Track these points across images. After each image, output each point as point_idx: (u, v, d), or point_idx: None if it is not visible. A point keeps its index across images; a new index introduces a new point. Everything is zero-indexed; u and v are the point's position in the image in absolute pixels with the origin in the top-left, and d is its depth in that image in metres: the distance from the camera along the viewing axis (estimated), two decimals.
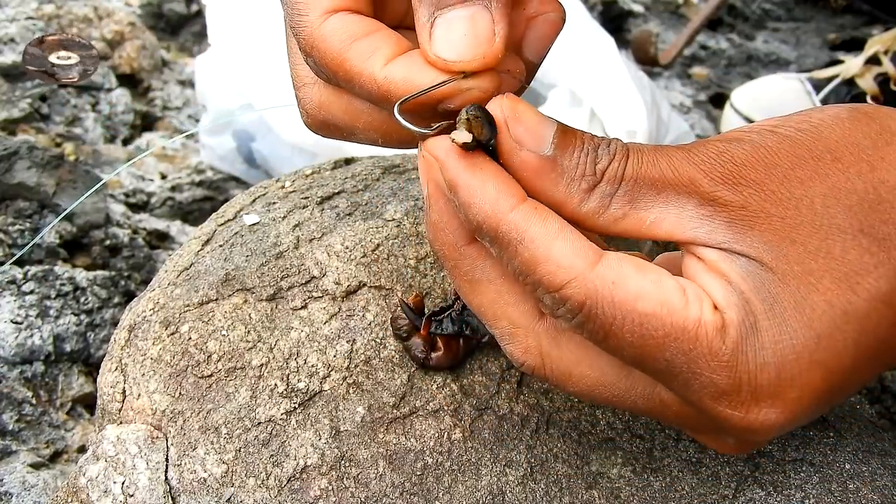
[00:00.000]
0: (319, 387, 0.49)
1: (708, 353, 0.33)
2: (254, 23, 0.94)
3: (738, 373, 0.33)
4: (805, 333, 0.32)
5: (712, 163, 0.35)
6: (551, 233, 0.34)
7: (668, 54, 1.30)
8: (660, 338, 0.33)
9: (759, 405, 0.33)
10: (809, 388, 0.33)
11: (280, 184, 0.62)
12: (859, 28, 1.52)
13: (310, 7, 0.38)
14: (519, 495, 0.45)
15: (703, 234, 0.34)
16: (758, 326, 0.33)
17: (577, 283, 0.33)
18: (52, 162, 0.81)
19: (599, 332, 0.34)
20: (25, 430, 0.66)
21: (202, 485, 0.45)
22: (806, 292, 0.33)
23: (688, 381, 0.33)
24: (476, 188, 0.35)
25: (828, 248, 0.33)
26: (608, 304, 0.33)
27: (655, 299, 0.33)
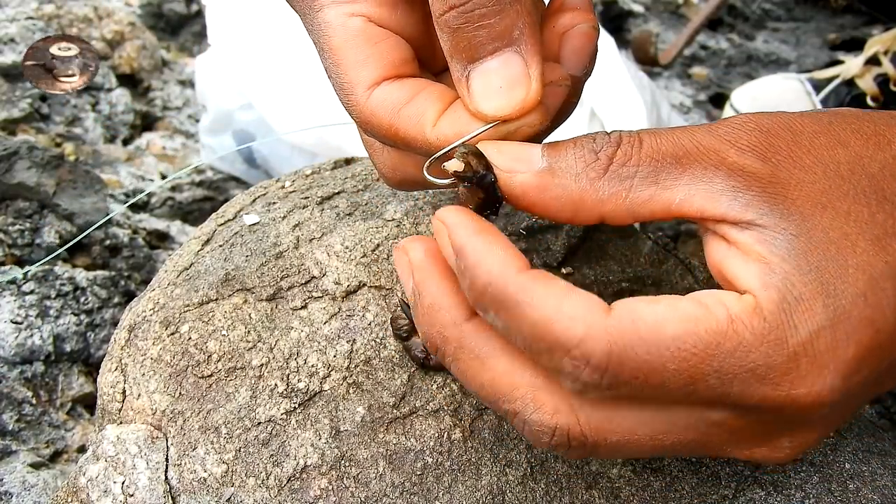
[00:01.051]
0: (319, 387, 0.49)
1: (754, 339, 0.31)
2: (254, 23, 0.94)
3: (791, 345, 0.32)
4: (851, 293, 0.32)
5: (737, 132, 0.34)
6: (560, 291, 0.33)
7: (668, 54, 1.30)
8: (701, 351, 0.31)
9: (823, 373, 0.32)
10: (863, 346, 0.32)
11: (280, 184, 0.62)
12: (859, 28, 1.52)
13: (354, 85, 0.39)
14: (519, 495, 0.45)
15: (737, 208, 0.34)
16: (803, 297, 0.32)
17: (595, 332, 0.31)
18: (52, 162, 0.81)
19: (639, 377, 0.31)
20: (25, 430, 0.66)
21: (202, 485, 0.45)
22: (845, 255, 0.32)
23: (746, 382, 0.32)
24: (484, 250, 0.34)
25: (857, 212, 0.33)
26: (637, 343, 0.31)
27: (679, 318, 0.32)
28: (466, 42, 0.37)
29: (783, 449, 0.36)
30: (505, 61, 0.37)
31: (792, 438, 0.36)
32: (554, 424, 0.35)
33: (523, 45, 0.37)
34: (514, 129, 0.38)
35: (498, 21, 0.36)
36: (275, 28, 0.92)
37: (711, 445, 0.36)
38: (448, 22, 0.36)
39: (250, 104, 0.93)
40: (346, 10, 0.40)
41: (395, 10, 0.40)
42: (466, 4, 0.36)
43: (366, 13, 0.40)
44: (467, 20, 0.36)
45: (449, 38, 0.37)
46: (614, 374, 0.32)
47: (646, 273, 0.56)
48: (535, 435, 0.35)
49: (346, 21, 0.39)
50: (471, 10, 0.36)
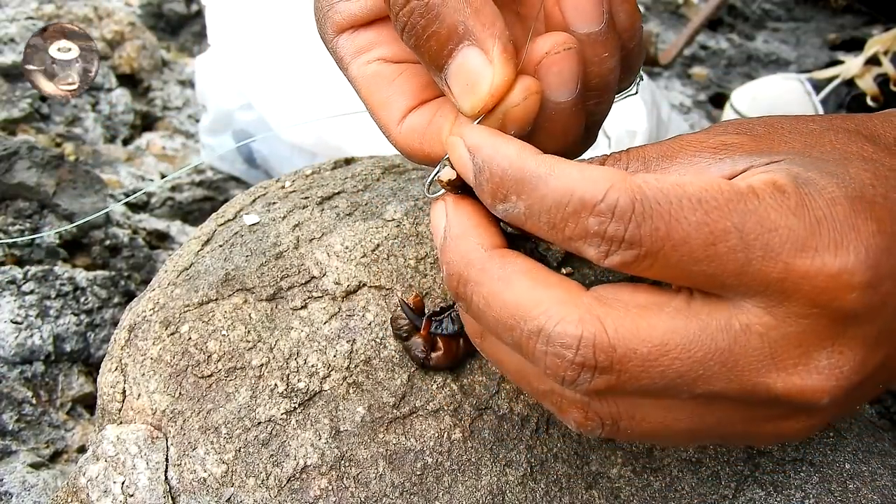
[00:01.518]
0: (319, 387, 0.49)
1: (774, 205, 0.31)
2: (254, 23, 0.94)
3: (811, 211, 0.31)
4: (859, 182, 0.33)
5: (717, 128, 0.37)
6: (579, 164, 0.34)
7: (668, 54, 1.30)
8: (722, 206, 0.31)
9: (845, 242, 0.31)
10: (882, 222, 0.32)
11: (280, 184, 0.62)
12: (859, 28, 1.52)
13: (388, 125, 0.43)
14: (519, 495, 0.45)
15: (726, 167, 0.35)
16: (814, 179, 0.32)
17: (619, 185, 0.32)
18: (52, 162, 0.81)
19: (660, 229, 0.31)
20: (25, 430, 0.66)
21: (202, 485, 0.45)
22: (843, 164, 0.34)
23: (768, 246, 0.31)
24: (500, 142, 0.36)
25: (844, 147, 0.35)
26: (659, 194, 0.31)
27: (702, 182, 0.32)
28: (428, 56, 0.38)
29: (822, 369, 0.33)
30: (462, 58, 0.38)
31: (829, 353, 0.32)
32: (579, 333, 0.33)
33: (472, 35, 0.37)
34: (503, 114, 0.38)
35: (439, 25, 0.37)
36: (275, 28, 0.92)
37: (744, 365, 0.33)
38: (408, 43, 0.39)
39: (250, 104, 0.93)
40: (363, 60, 0.43)
41: None
42: (409, 20, 0.38)
43: (379, 56, 0.43)
44: (417, 35, 0.38)
45: (417, 56, 0.39)
46: (638, 224, 0.31)
47: None
48: (558, 352, 0.33)
49: (364, 70, 0.43)
50: (413, 27, 0.38)
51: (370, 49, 0.43)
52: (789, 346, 0.32)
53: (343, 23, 0.43)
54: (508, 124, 0.38)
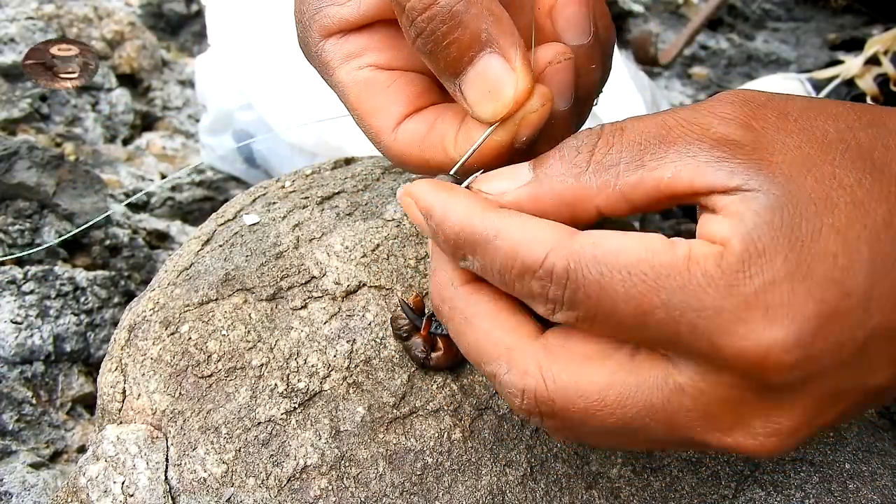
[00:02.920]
0: (319, 387, 0.49)
1: (705, 282, 0.31)
2: (254, 23, 0.94)
3: (742, 293, 0.31)
4: (821, 252, 0.31)
5: (722, 105, 0.35)
6: (525, 220, 0.35)
7: (668, 54, 1.30)
8: (650, 280, 0.32)
9: (774, 326, 0.31)
10: (826, 304, 0.31)
11: (280, 184, 0.62)
12: (859, 28, 1.52)
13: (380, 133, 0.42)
14: (519, 495, 0.45)
15: (723, 177, 0.33)
16: (766, 250, 0.31)
17: (557, 250, 0.33)
18: (52, 162, 0.81)
19: (591, 297, 0.33)
20: (25, 430, 0.66)
21: (202, 485, 0.45)
22: (823, 214, 0.32)
23: (694, 322, 0.31)
24: (449, 203, 0.37)
25: (842, 176, 0.33)
26: (591, 262, 0.33)
27: (638, 247, 0.32)
28: (444, 62, 0.38)
29: (756, 435, 0.34)
30: (484, 65, 0.38)
31: (763, 419, 0.34)
32: (523, 386, 0.36)
33: (495, 42, 0.38)
34: (520, 121, 0.39)
35: (462, 32, 0.37)
36: (275, 28, 0.92)
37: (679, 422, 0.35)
38: (421, 48, 0.38)
39: (250, 104, 0.93)
40: (353, 66, 0.42)
41: (399, 49, 0.42)
42: (428, 27, 0.37)
43: (372, 62, 0.42)
44: (435, 41, 0.37)
45: (429, 62, 0.39)
46: (573, 290, 0.33)
47: None
48: (509, 398, 0.37)
49: (355, 76, 0.42)
50: (433, 33, 0.37)
51: (361, 55, 0.42)
52: (723, 411, 0.34)
53: (332, 27, 0.42)
54: (523, 130, 0.39)
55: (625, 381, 0.35)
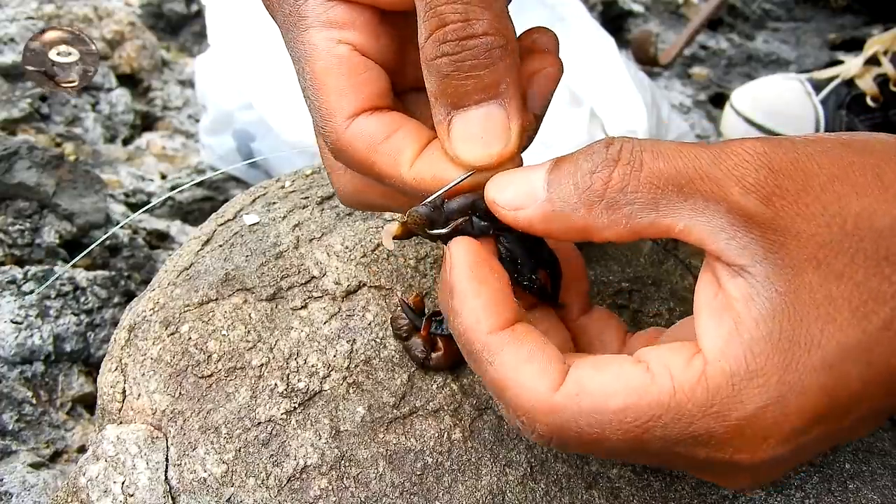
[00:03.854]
0: (319, 387, 0.49)
1: (696, 409, 0.33)
2: (254, 23, 0.94)
3: (734, 418, 0.32)
4: (816, 366, 0.32)
5: (745, 168, 0.33)
6: (522, 357, 0.35)
7: (668, 54, 1.30)
8: (643, 423, 0.33)
9: (767, 442, 0.33)
10: (815, 413, 0.33)
11: (280, 184, 0.62)
12: (859, 28, 1.52)
13: (333, 113, 0.40)
14: (519, 495, 0.45)
15: (733, 250, 0.33)
16: (760, 372, 0.32)
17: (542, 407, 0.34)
18: (52, 162, 0.81)
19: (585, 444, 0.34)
20: (25, 430, 0.66)
21: (202, 485, 0.45)
22: (823, 323, 0.32)
23: (691, 445, 0.33)
24: (467, 300, 0.37)
25: (851, 273, 0.32)
26: (580, 415, 0.34)
27: (622, 391, 0.33)
28: (454, 89, 0.38)
29: (741, 482, 0.37)
30: (488, 113, 0.38)
31: (750, 479, 0.36)
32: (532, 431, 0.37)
33: (507, 99, 0.38)
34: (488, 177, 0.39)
35: (487, 74, 0.37)
36: (275, 28, 0.92)
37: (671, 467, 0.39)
38: (439, 67, 0.37)
39: (250, 104, 0.93)
40: (333, 36, 0.40)
41: (377, 39, 0.41)
42: (460, 54, 0.37)
43: (352, 41, 0.40)
44: (458, 69, 0.37)
45: (436, 82, 0.38)
46: (560, 443, 0.35)
47: (646, 273, 0.56)
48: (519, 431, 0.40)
49: (332, 47, 0.39)
50: (462, 60, 0.37)
51: (343, 28, 0.40)
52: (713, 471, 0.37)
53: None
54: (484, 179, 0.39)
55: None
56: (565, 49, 0.45)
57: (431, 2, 0.36)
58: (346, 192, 0.45)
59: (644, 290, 0.56)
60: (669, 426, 0.33)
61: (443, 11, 0.36)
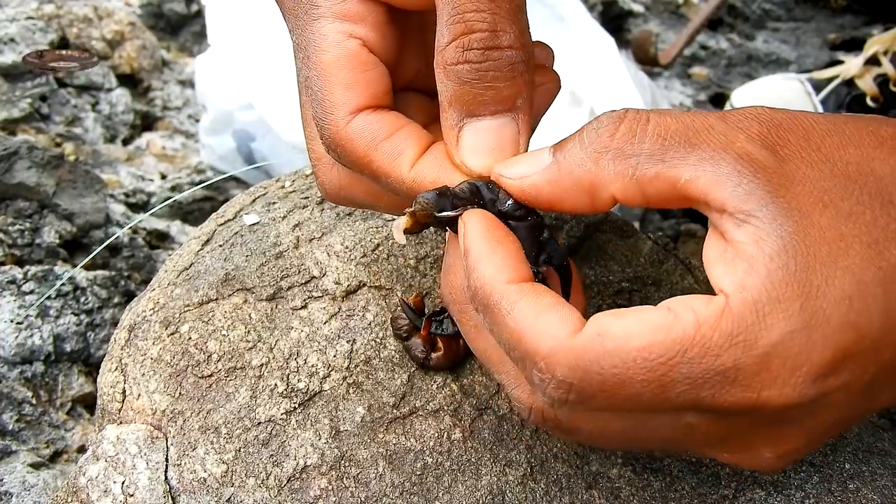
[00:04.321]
0: (319, 387, 0.49)
1: (723, 340, 0.31)
2: (254, 23, 0.94)
3: (761, 346, 0.31)
4: (836, 296, 0.32)
5: (749, 121, 0.34)
6: (541, 306, 0.34)
7: (668, 54, 1.30)
8: (669, 359, 0.32)
9: (794, 374, 0.31)
10: (842, 348, 0.32)
11: (280, 184, 0.62)
12: (859, 28, 1.52)
13: (336, 107, 0.39)
14: (519, 495, 0.45)
15: (739, 196, 0.33)
16: (781, 298, 0.31)
17: (562, 349, 0.33)
18: (52, 162, 0.81)
19: (607, 390, 0.32)
20: (25, 430, 0.66)
21: (202, 485, 0.45)
22: (836, 257, 0.32)
23: (716, 385, 0.32)
24: (484, 256, 0.36)
25: (858, 213, 0.33)
26: (602, 357, 0.32)
27: (646, 329, 0.32)
28: (472, 97, 0.38)
29: (765, 458, 0.36)
30: (501, 125, 0.39)
31: (772, 447, 0.35)
32: (531, 404, 0.37)
33: (521, 114, 0.39)
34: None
35: (506, 87, 0.38)
36: (275, 28, 0.92)
37: (686, 445, 0.36)
38: (459, 73, 0.37)
39: (250, 104, 0.93)
40: (345, 29, 0.39)
41: (384, 37, 0.41)
42: (483, 63, 0.37)
43: (362, 37, 0.40)
44: (479, 77, 0.37)
45: (454, 87, 0.38)
46: (580, 390, 0.33)
47: (646, 273, 0.56)
48: (517, 409, 0.38)
49: (342, 40, 0.39)
50: (485, 70, 0.37)
51: (356, 22, 0.40)
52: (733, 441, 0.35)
53: None
54: None
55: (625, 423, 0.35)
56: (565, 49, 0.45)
57: (458, 6, 0.36)
58: (330, 186, 0.45)
59: (644, 290, 0.56)
60: (695, 361, 0.31)
61: (470, 18, 0.36)
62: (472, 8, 0.36)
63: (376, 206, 0.45)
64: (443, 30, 0.37)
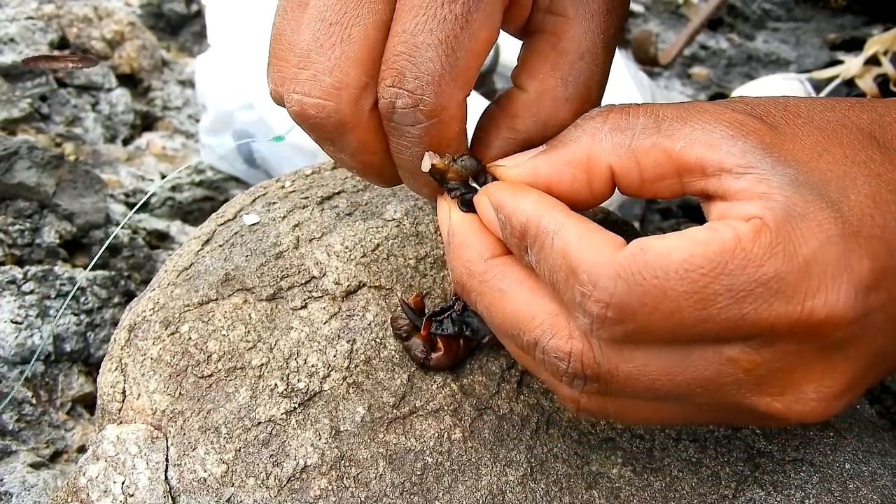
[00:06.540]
0: (319, 387, 0.49)
1: (763, 252, 0.31)
2: (254, 23, 0.94)
3: (802, 254, 0.31)
4: (858, 213, 0.32)
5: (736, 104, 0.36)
6: (587, 227, 0.35)
7: (668, 54, 1.30)
8: (710, 271, 0.31)
9: (837, 283, 0.31)
10: (877, 259, 0.32)
11: (280, 184, 0.62)
12: (859, 28, 1.52)
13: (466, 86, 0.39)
14: (519, 495, 0.45)
15: (735, 153, 0.34)
16: (809, 212, 0.32)
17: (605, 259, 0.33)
18: (52, 162, 0.81)
19: (648, 304, 0.32)
20: (25, 430, 0.66)
21: (202, 485, 0.45)
22: (846, 187, 0.33)
23: (759, 298, 0.31)
24: (520, 197, 0.38)
25: (853, 155, 0.34)
26: (644, 268, 0.32)
27: (686, 244, 0.32)
28: None
29: (808, 400, 0.34)
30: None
31: (816, 382, 0.34)
32: (569, 349, 0.35)
33: None
34: None
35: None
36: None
37: (728, 388, 0.34)
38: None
39: (250, 104, 0.93)
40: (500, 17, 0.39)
41: None
42: None
43: None
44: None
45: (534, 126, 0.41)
46: (621, 305, 0.32)
47: None
48: (553, 364, 0.36)
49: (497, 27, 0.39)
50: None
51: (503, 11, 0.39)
52: (776, 378, 0.34)
53: None
54: None
55: (667, 359, 0.34)
56: None
57: None
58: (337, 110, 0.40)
59: None
60: (737, 273, 0.31)
61: None
62: None
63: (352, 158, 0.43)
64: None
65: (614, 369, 0.35)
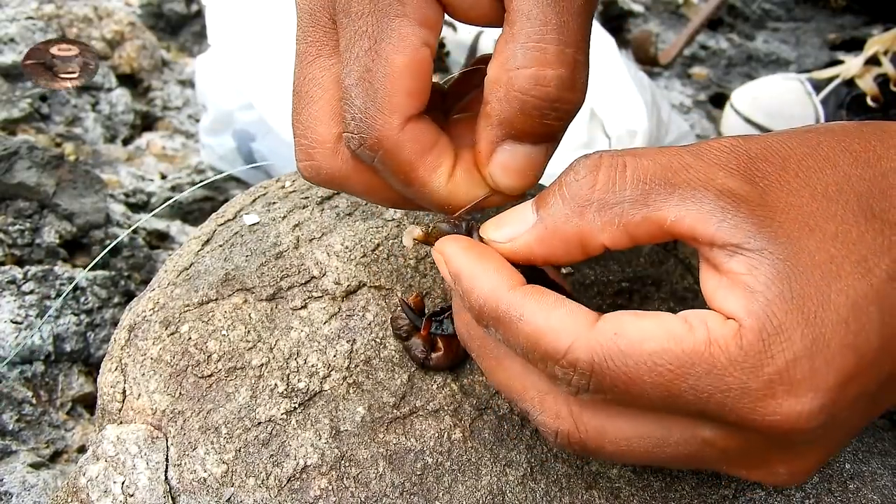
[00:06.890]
0: (319, 387, 0.49)
1: (729, 364, 0.32)
2: (254, 23, 0.94)
3: (767, 373, 0.32)
4: (833, 321, 0.32)
5: (726, 157, 0.35)
6: (549, 305, 0.35)
7: (668, 54, 1.30)
8: (676, 369, 0.33)
9: (800, 401, 0.32)
10: (844, 372, 0.32)
11: (280, 184, 0.62)
12: (859, 28, 1.52)
13: (394, 112, 0.39)
14: (519, 495, 0.45)
15: (726, 230, 0.33)
16: (782, 327, 0.32)
17: (581, 344, 0.34)
18: (52, 162, 0.81)
19: (618, 386, 0.33)
20: (25, 430, 0.66)
21: (202, 485, 0.45)
22: (828, 281, 0.33)
23: (722, 401, 0.33)
24: (477, 274, 0.37)
25: (845, 233, 0.33)
26: (616, 355, 0.33)
27: (660, 335, 0.33)
28: (526, 127, 0.38)
29: (780, 475, 0.37)
30: (537, 151, 0.40)
31: (786, 465, 0.36)
32: (556, 428, 0.37)
33: (554, 144, 0.40)
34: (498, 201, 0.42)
35: (560, 127, 0.39)
36: (275, 28, 0.92)
37: (708, 462, 0.37)
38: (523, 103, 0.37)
39: (250, 104, 0.93)
40: (422, 35, 0.39)
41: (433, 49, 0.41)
42: (552, 104, 0.37)
43: (432, 47, 0.39)
44: (542, 115, 0.38)
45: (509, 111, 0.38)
46: (598, 381, 0.34)
47: (646, 273, 0.56)
48: (543, 434, 0.38)
49: (418, 46, 0.38)
50: (553, 111, 0.37)
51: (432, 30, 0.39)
52: (751, 458, 0.36)
53: None
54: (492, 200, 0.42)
55: (652, 433, 0.36)
56: None
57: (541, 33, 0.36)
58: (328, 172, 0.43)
59: (644, 290, 0.56)
60: (702, 377, 0.32)
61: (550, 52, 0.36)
62: (554, 40, 0.36)
63: (367, 198, 0.45)
64: (518, 49, 0.37)
65: (599, 448, 0.37)
